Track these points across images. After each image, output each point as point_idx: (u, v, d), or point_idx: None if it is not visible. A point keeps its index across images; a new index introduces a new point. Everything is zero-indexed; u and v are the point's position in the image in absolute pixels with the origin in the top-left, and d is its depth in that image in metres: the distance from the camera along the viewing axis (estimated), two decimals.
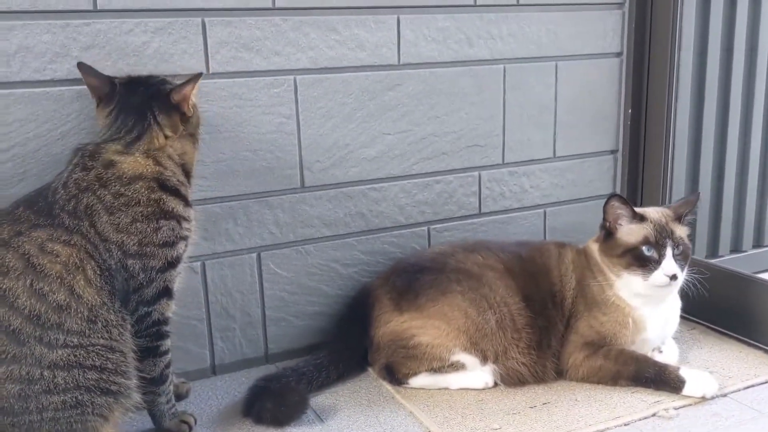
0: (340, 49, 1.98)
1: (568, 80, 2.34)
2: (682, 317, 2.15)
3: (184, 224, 1.61)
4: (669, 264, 1.81)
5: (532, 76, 2.28)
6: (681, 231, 1.88)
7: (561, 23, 2.28)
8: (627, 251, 1.84)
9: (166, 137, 1.58)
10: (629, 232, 1.86)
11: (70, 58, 1.69)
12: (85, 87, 1.68)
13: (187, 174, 1.64)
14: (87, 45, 1.70)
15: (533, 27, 2.24)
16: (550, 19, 2.26)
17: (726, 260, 2.78)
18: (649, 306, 1.88)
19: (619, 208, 1.87)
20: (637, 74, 2.42)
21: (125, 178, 1.52)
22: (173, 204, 1.57)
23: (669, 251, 1.81)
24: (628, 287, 1.86)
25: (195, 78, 1.59)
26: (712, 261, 2.53)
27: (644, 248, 1.82)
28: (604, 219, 1.91)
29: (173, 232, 1.57)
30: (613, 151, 2.49)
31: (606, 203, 1.89)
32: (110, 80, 1.60)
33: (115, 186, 1.51)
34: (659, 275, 1.80)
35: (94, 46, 1.71)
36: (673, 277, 1.80)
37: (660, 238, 1.82)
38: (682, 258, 1.84)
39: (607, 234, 1.90)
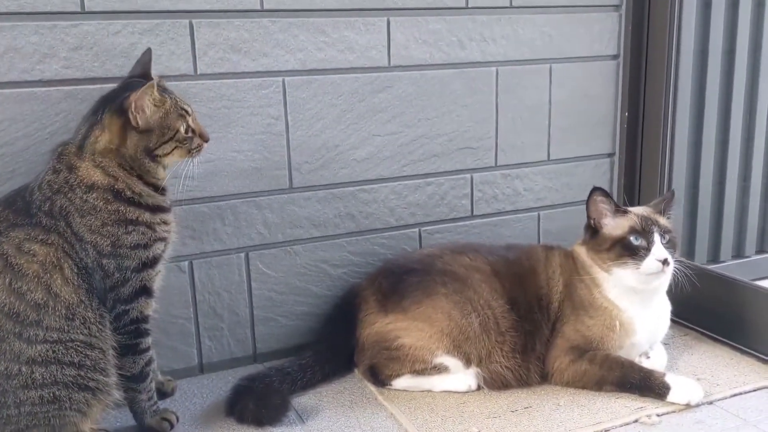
0: (329, 51, 1.99)
1: (563, 83, 2.33)
2: (675, 322, 2.14)
3: (159, 227, 1.60)
4: (659, 249, 1.80)
5: (526, 78, 2.27)
6: (665, 221, 1.89)
7: (556, 25, 2.27)
8: (615, 243, 1.84)
9: (109, 142, 1.53)
10: (615, 226, 1.86)
11: (57, 59, 1.71)
12: (73, 88, 1.71)
13: (152, 186, 1.59)
14: (75, 46, 1.73)
15: (527, 29, 2.23)
16: (545, 21, 2.25)
17: (728, 266, 2.75)
18: (637, 307, 1.86)
19: (602, 202, 1.88)
20: (634, 77, 2.40)
21: (83, 186, 1.52)
22: (135, 213, 1.55)
23: (657, 237, 1.82)
24: (618, 284, 1.85)
25: (146, 86, 1.51)
26: (708, 266, 2.50)
27: (632, 237, 1.82)
28: (588, 217, 1.91)
29: (145, 236, 1.57)
30: (610, 155, 2.47)
31: (588, 199, 1.89)
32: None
33: (79, 191, 1.52)
34: (651, 261, 1.79)
35: (82, 47, 1.73)
36: (665, 262, 1.79)
37: (646, 226, 1.83)
38: (670, 246, 1.84)
39: (593, 232, 1.90)
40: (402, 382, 1.87)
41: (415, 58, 2.10)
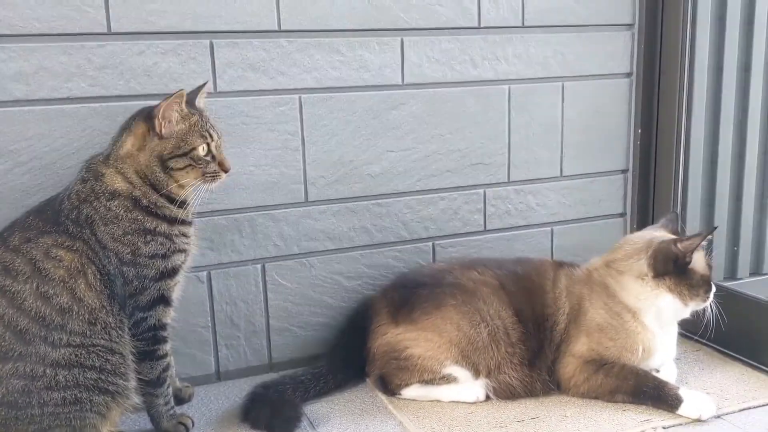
0: (344, 69, 2.06)
1: (576, 100, 2.37)
2: (687, 337, 2.16)
3: (178, 239, 1.66)
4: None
5: (538, 96, 2.31)
6: None
7: (568, 44, 2.32)
8: (703, 280, 1.88)
9: (131, 146, 1.61)
10: (698, 261, 1.89)
11: (84, 77, 1.81)
12: (99, 105, 1.80)
13: (167, 198, 1.64)
14: (101, 65, 1.82)
15: (539, 48, 2.28)
16: (557, 40, 2.30)
17: (745, 283, 2.74)
18: (662, 330, 1.90)
19: (697, 241, 1.85)
20: (647, 94, 2.43)
21: (107, 193, 1.60)
22: (153, 223, 1.62)
23: None
24: (662, 311, 1.88)
25: (175, 95, 1.58)
26: (724, 284, 2.49)
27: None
28: (682, 251, 1.85)
29: (163, 246, 1.63)
30: (624, 171, 2.50)
31: (689, 238, 1.85)
32: None
33: (103, 200, 1.60)
34: (710, 294, 1.90)
35: (108, 67, 1.82)
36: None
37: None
38: None
39: (682, 265, 1.86)
40: (411, 392, 1.91)
41: (428, 76, 2.16)
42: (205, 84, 1.74)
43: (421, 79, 2.15)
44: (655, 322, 1.89)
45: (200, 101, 1.72)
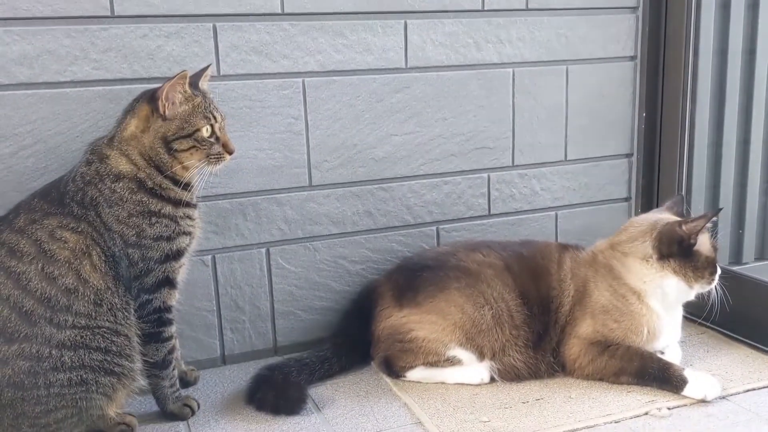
0: (348, 52, 2.05)
1: (580, 84, 2.36)
2: (692, 321, 2.16)
3: (183, 221, 1.66)
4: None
5: (542, 79, 2.31)
6: None
7: (572, 27, 2.31)
8: (708, 262, 1.87)
9: (135, 128, 1.62)
10: (703, 243, 1.88)
11: (88, 60, 1.81)
12: (103, 88, 1.80)
13: (171, 180, 1.64)
14: (104, 48, 1.82)
15: (543, 31, 2.27)
16: (561, 23, 2.29)
17: (750, 268, 2.73)
18: (667, 313, 1.90)
19: (702, 222, 1.84)
20: (651, 78, 2.42)
21: (112, 175, 1.61)
22: (158, 205, 1.62)
23: None
24: (667, 293, 1.87)
25: (177, 76, 1.58)
26: (724, 266, 2.49)
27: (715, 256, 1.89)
28: (687, 233, 1.84)
29: (168, 228, 1.63)
30: (628, 155, 2.49)
31: (695, 220, 1.84)
32: None
33: (108, 182, 1.60)
34: (716, 277, 1.89)
35: (111, 50, 1.82)
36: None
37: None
38: None
39: (686, 246, 1.85)
40: (415, 374, 1.92)
41: (432, 59, 2.15)
42: (208, 67, 1.73)
43: (424, 62, 2.15)
44: (660, 304, 1.89)
45: (203, 84, 1.71)
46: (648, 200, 2.49)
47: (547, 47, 2.29)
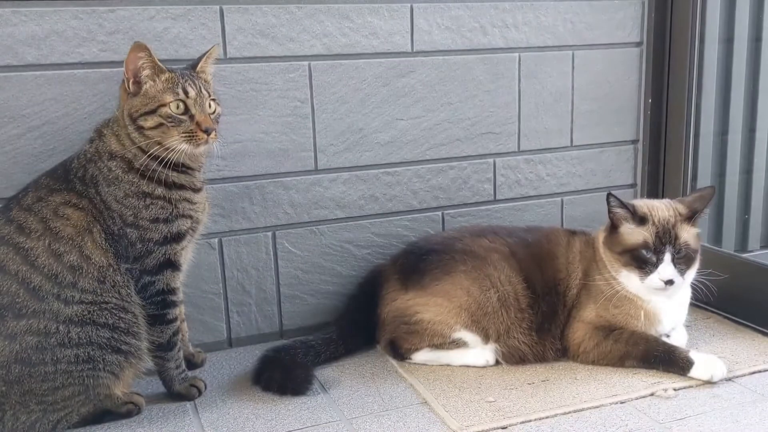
0: (354, 36, 2.06)
1: (586, 69, 2.36)
2: (697, 306, 2.15)
3: (181, 204, 1.64)
4: (665, 269, 1.78)
5: (548, 65, 2.31)
6: (688, 234, 1.82)
7: (578, 13, 2.31)
8: (627, 251, 1.83)
9: (119, 107, 1.62)
10: (630, 232, 1.84)
11: (96, 42, 1.81)
12: (110, 70, 1.81)
13: (157, 160, 1.58)
14: (111, 30, 1.82)
15: (549, 16, 2.27)
16: (567, 8, 2.29)
17: (756, 255, 2.73)
18: (661, 299, 1.87)
19: (617, 208, 1.84)
20: (657, 64, 2.41)
21: (107, 153, 1.61)
22: (150, 187, 1.60)
23: (668, 257, 1.79)
24: (629, 283, 1.85)
25: (132, 46, 1.55)
26: (730, 252, 2.49)
27: (643, 251, 1.80)
28: (609, 212, 1.87)
29: (165, 210, 1.62)
30: (634, 141, 2.49)
31: (607, 200, 1.85)
32: None
33: (105, 159, 1.61)
34: (654, 278, 1.79)
35: (118, 32, 1.83)
36: (669, 282, 1.78)
37: (659, 244, 1.79)
38: (684, 262, 1.81)
39: (612, 226, 1.88)
40: (421, 356, 1.92)
41: (438, 43, 2.16)
42: (211, 49, 1.72)
43: (430, 46, 2.15)
44: (642, 292, 1.85)
45: (208, 67, 1.71)
46: (654, 186, 2.49)
47: (553, 32, 2.29)
